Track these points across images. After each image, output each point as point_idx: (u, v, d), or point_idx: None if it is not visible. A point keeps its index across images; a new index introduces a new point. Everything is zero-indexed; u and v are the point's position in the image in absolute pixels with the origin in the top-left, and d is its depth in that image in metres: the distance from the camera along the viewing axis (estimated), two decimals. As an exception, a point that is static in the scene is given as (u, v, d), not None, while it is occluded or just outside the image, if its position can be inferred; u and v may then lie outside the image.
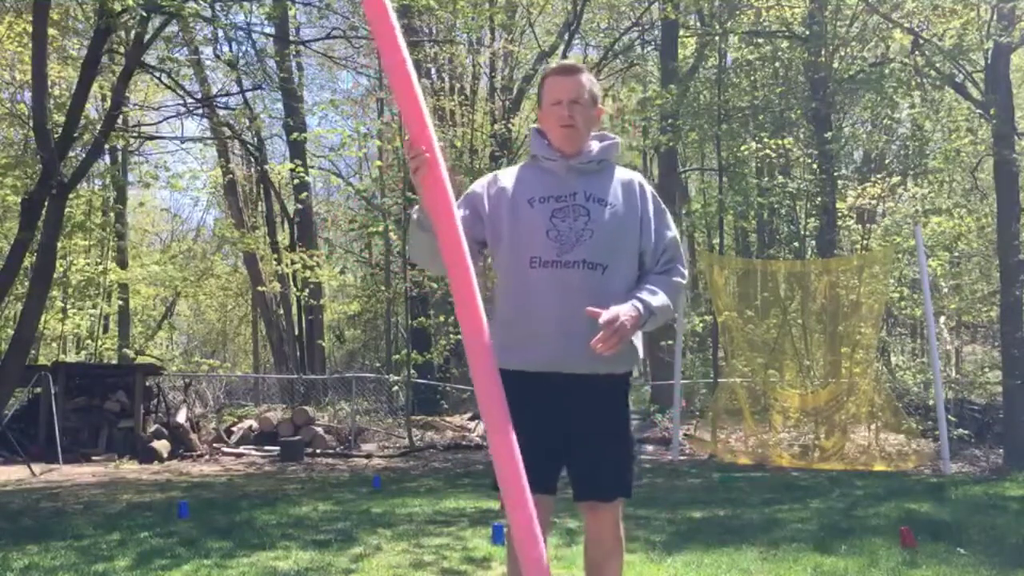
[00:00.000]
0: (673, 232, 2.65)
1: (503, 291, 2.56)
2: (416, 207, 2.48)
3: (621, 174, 2.64)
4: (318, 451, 11.90)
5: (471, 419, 14.43)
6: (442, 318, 15.30)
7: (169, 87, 13.22)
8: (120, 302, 19.30)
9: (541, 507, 2.51)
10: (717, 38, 15.97)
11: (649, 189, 2.65)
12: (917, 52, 13.12)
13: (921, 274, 10.31)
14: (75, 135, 10.04)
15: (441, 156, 2.22)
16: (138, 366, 14.10)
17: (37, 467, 9.84)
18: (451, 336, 15.74)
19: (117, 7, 8.46)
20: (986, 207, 15.64)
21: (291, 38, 16.42)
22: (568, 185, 2.55)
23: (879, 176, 14.62)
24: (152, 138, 15.58)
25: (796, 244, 16.13)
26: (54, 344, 19.37)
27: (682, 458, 10.85)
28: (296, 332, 19.10)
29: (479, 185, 2.66)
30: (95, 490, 8.15)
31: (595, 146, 2.61)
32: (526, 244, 2.50)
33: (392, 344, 20.13)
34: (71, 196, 11.18)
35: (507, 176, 2.64)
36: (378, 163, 16.84)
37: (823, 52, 13.50)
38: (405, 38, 2.32)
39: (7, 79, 14.78)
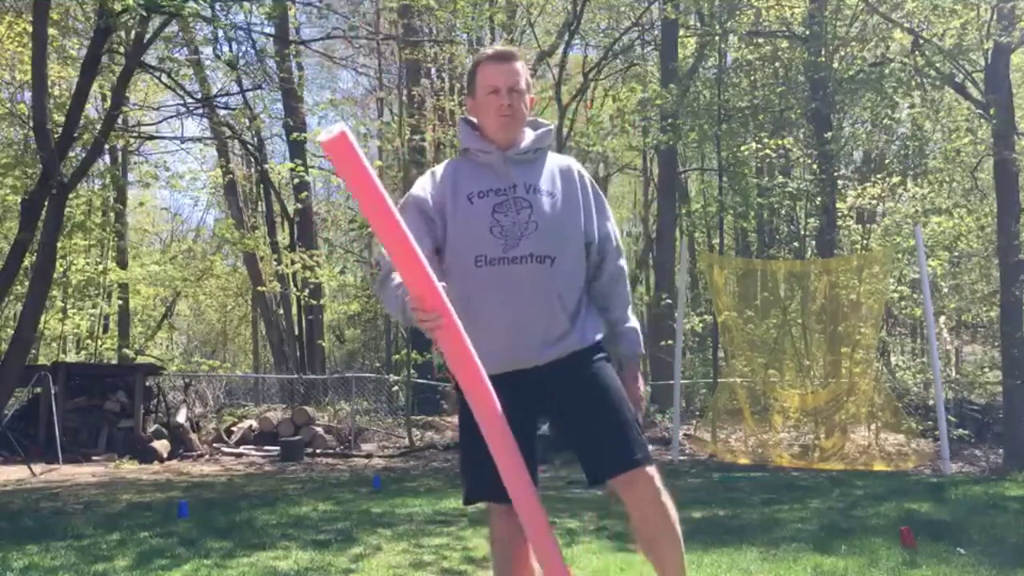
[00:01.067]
0: (611, 220, 2.58)
1: (449, 295, 2.42)
2: (383, 264, 2.39)
3: (556, 161, 2.54)
4: (318, 451, 11.90)
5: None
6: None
7: (169, 87, 13.21)
8: (120, 302, 19.30)
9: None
10: (717, 38, 15.97)
11: (587, 176, 2.56)
12: (917, 52, 13.12)
13: (921, 274, 10.30)
14: (75, 135, 10.04)
15: (453, 311, 2.14)
16: (138, 366, 14.10)
17: (37, 467, 9.84)
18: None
19: (117, 7, 8.46)
20: (986, 207, 15.63)
21: (291, 38, 16.42)
22: (506, 177, 2.43)
23: (879, 176, 14.61)
24: (152, 138, 15.58)
25: (796, 244, 16.12)
26: (54, 344, 19.37)
27: (682, 458, 10.84)
28: (296, 332, 19.08)
29: (418, 187, 2.52)
30: (95, 490, 8.15)
31: (530, 134, 2.51)
32: (470, 243, 2.39)
33: (392, 344, 20.14)
34: (71, 196, 11.18)
35: (441, 173, 2.52)
36: (378, 163, 16.83)
37: (823, 52, 13.50)
38: (405, 38, 2.25)
39: (7, 79, 14.79)
